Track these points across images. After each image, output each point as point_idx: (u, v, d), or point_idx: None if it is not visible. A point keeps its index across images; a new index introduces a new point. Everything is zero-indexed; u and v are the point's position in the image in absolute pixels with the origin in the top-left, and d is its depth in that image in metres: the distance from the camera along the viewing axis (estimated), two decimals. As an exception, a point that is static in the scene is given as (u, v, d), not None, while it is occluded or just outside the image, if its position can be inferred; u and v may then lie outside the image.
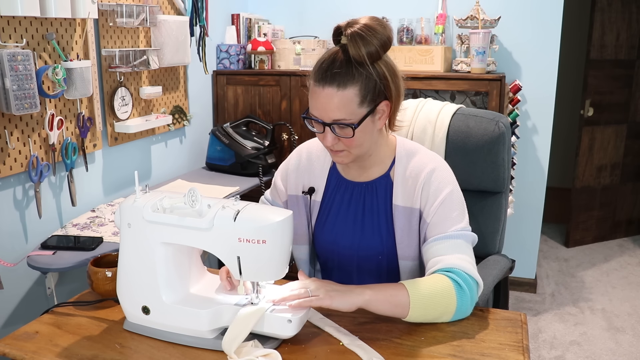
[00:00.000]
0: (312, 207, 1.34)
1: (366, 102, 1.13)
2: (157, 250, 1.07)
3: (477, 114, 1.52)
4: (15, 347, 1.05)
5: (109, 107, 2.07)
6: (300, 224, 1.35)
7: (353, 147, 1.17)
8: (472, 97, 2.75)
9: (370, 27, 1.11)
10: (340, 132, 1.15)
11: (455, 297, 1.10)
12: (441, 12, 2.72)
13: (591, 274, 3.30)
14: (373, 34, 1.11)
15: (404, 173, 1.25)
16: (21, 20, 1.64)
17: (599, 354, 2.43)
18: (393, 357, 1.01)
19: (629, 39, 3.47)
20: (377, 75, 1.13)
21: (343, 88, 1.11)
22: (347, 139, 1.15)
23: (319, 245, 1.35)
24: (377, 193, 1.28)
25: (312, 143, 1.39)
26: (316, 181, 1.34)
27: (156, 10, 2.17)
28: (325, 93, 1.12)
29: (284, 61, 2.87)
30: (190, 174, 2.59)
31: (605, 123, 3.59)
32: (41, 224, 1.80)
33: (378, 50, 1.12)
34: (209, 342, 1.05)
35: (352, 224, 1.30)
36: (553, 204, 3.65)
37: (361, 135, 1.16)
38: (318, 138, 1.24)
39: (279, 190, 1.41)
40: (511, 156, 2.65)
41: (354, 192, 1.30)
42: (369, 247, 1.28)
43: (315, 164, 1.35)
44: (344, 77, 1.11)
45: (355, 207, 1.30)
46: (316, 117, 1.15)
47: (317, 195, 1.34)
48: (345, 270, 1.33)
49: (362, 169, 1.29)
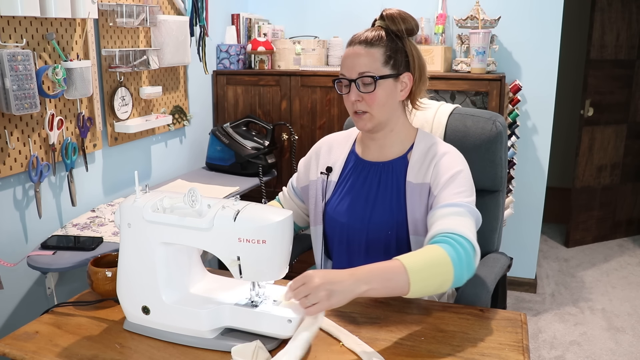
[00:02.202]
0: (327, 186, 1.41)
1: (389, 64, 1.27)
2: (157, 250, 1.07)
3: (473, 113, 1.55)
4: (15, 347, 1.05)
5: (109, 107, 2.07)
6: (319, 205, 1.41)
7: (375, 105, 1.26)
8: (472, 97, 2.75)
9: (405, 12, 1.30)
10: (363, 88, 1.26)
11: (452, 265, 1.09)
12: (441, 12, 2.72)
13: (591, 274, 3.30)
14: (407, 16, 1.30)
15: (421, 155, 1.33)
16: (21, 20, 1.64)
17: (599, 354, 2.43)
18: (393, 357, 1.01)
19: (629, 39, 3.47)
20: (404, 47, 1.29)
21: (370, 47, 1.26)
22: (369, 96, 1.26)
23: (330, 222, 1.39)
24: (392, 172, 1.35)
25: (334, 135, 1.50)
26: (335, 163, 1.43)
27: (156, 10, 2.17)
28: (354, 50, 1.27)
29: (284, 61, 2.87)
30: (190, 174, 2.59)
31: (605, 123, 3.59)
32: (41, 224, 1.80)
33: (413, 28, 1.29)
34: (209, 342, 1.05)
35: (365, 200, 1.35)
36: (553, 204, 3.64)
37: (383, 95, 1.27)
38: (345, 102, 1.32)
39: (299, 176, 1.51)
40: (508, 155, 2.66)
41: (370, 171, 1.37)
42: (380, 222, 1.31)
43: (336, 149, 1.45)
44: (373, 39, 1.27)
45: (369, 185, 1.36)
46: (344, 75, 1.28)
47: (333, 175, 1.41)
48: (355, 246, 1.35)
49: (382, 148, 1.37)
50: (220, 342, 1.05)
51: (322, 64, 2.88)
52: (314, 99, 2.73)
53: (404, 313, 1.18)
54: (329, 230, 1.41)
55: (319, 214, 1.41)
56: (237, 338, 1.05)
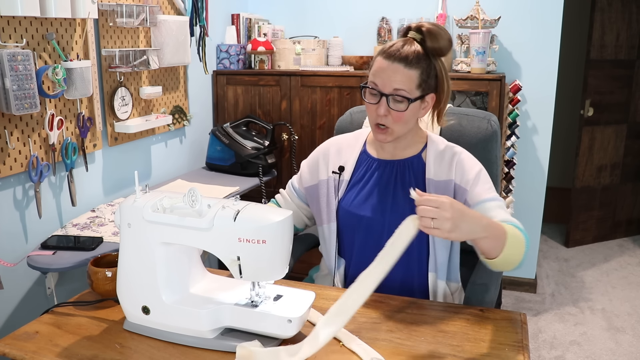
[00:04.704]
0: (340, 185, 1.41)
1: (421, 87, 1.28)
2: (157, 250, 1.07)
3: (467, 113, 1.58)
4: (15, 347, 1.05)
5: (109, 107, 2.07)
6: (331, 203, 1.41)
7: (399, 123, 1.29)
8: (472, 97, 2.75)
9: (441, 28, 1.30)
10: (394, 104, 1.27)
11: (524, 246, 1.18)
12: (441, 12, 2.72)
13: (591, 274, 3.30)
14: (444, 33, 1.29)
15: (437, 154, 1.36)
16: (21, 20, 1.64)
17: (599, 354, 2.43)
18: (393, 357, 1.01)
19: (629, 39, 3.47)
20: (435, 69, 1.30)
21: (409, 67, 1.26)
22: (398, 114, 1.27)
23: (345, 217, 1.39)
24: (410, 169, 1.37)
25: (340, 137, 1.51)
26: (346, 163, 1.44)
27: (156, 10, 2.17)
28: (394, 67, 1.26)
29: (284, 61, 2.87)
30: (190, 174, 2.59)
31: (605, 123, 3.59)
32: (41, 224, 1.80)
33: (447, 46, 1.29)
34: (209, 342, 1.05)
35: (383, 194, 1.37)
36: (553, 204, 3.64)
37: (409, 115, 1.29)
38: (369, 110, 1.32)
39: (302, 177, 1.51)
40: (508, 155, 2.66)
41: (387, 168, 1.39)
42: (401, 215, 1.30)
43: (345, 150, 1.46)
44: (412, 60, 1.26)
45: (387, 181, 1.38)
46: (377, 85, 1.28)
47: (346, 174, 1.43)
48: (374, 240, 1.36)
49: (396, 150, 1.39)
50: (220, 342, 1.05)
51: (322, 64, 2.88)
52: (314, 99, 2.73)
53: (404, 313, 1.18)
54: (343, 227, 1.41)
55: (332, 211, 1.41)
56: (237, 338, 1.05)
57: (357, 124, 1.65)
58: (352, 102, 2.66)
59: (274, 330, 1.04)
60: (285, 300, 1.10)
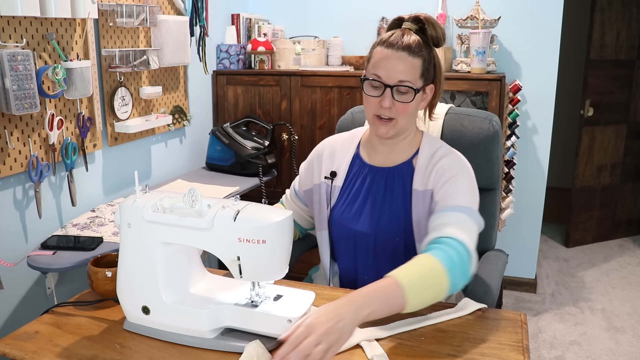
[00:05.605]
0: (332, 192, 1.39)
1: (423, 77, 1.27)
2: (157, 250, 1.07)
3: (469, 113, 1.57)
4: (15, 347, 1.05)
5: (109, 107, 2.07)
6: (323, 211, 1.40)
7: (404, 115, 1.26)
8: (472, 97, 2.75)
9: (436, 19, 1.30)
10: (398, 96, 1.24)
11: (446, 273, 1.07)
12: (441, 12, 2.72)
13: (591, 274, 3.30)
14: (439, 23, 1.29)
15: (425, 160, 1.32)
16: (21, 20, 1.64)
17: (599, 354, 2.43)
18: (393, 357, 1.01)
19: (629, 39, 3.47)
20: (434, 59, 1.29)
21: (413, 56, 1.24)
22: (402, 105, 1.24)
23: (336, 227, 1.38)
24: (398, 178, 1.34)
25: (335, 137, 1.48)
26: (339, 167, 1.41)
27: (156, 10, 2.17)
28: (398, 56, 1.23)
29: (284, 61, 2.87)
30: (190, 174, 2.59)
31: (605, 123, 3.59)
32: (41, 224, 1.80)
33: (444, 36, 1.29)
34: (209, 342, 1.05)
35: (372, 205, 1.34)
36: (553, 204, 3.65)
37: (414, 105, 1.26)
38: (370, 104, 1.28)
39: (301, 180, 1.50)
40: (508, 155, 2.66)
41: (376, 176, 1.36)
42: (388, 228, 1.31)
43: (339, 152, 1.43)
44: (414, 48, 1.24)
45: (376, 190, 1.35)
46: (380, 77, 1.24)
47: (338, 180, 1.40)
48: (363, 251, 1.36)
49: (389, 154, 1.36)
50: (220, 342, 1.05)
51: (322, 64, 2.87)
52: (314, 99, 2.73)
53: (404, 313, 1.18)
54: (335, 236, 1.40)
55: (324, 219, 1.40)
56: (237, 338, 1.05)
57: (358, 123, 1.65)
58: (352, 102, 2.66)
59: (273, 330, 1.04)
60: (285, 300, 1.10)
